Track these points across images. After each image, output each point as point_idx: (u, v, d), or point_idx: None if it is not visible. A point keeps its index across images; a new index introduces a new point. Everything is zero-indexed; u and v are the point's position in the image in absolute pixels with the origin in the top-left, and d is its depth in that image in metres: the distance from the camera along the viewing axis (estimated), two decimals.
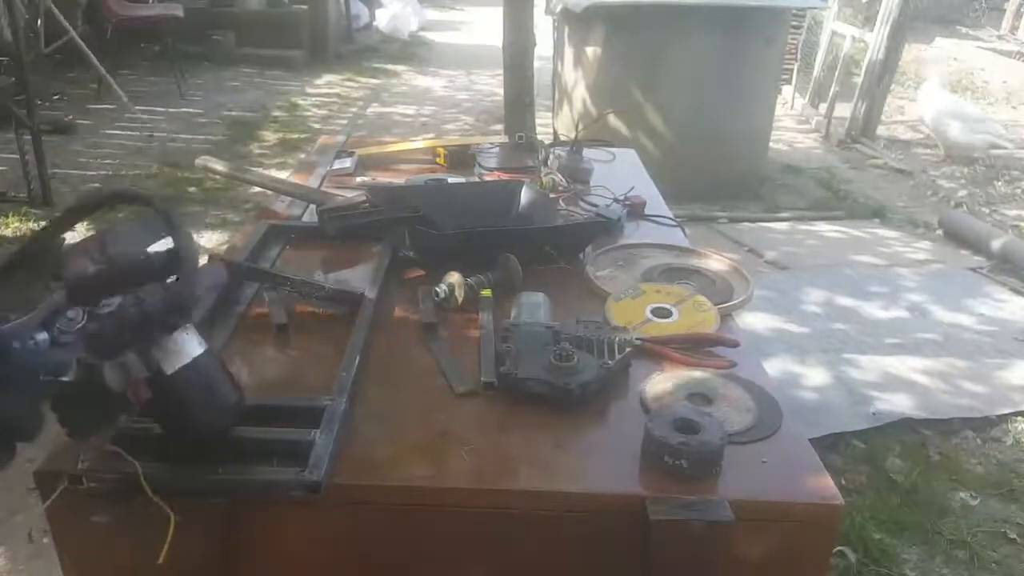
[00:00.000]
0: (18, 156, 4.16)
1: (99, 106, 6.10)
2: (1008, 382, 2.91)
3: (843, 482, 2.36)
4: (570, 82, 5.04)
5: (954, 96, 6.12)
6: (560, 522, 1.02)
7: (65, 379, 0.80)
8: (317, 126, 6.04)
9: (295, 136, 5.76)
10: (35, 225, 3.99)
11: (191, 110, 6.26)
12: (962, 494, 2.38)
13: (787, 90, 7.00)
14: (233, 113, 6.26)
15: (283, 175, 2.51)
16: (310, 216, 1.86)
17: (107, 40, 6.31)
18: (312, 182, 2.06)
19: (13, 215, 4.04)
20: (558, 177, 2.07)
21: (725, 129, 4.69)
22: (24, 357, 0.78)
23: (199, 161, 2.07)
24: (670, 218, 1.98)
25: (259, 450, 1.01)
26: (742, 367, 1.30)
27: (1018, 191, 5.28)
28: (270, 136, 5.76)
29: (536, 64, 4.44)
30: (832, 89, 6.37)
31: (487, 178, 2.20)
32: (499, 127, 5.51)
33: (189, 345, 0.92)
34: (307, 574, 1.08)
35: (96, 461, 0.97)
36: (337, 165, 2.22)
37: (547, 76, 5.99)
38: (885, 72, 5.98)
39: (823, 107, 6.56)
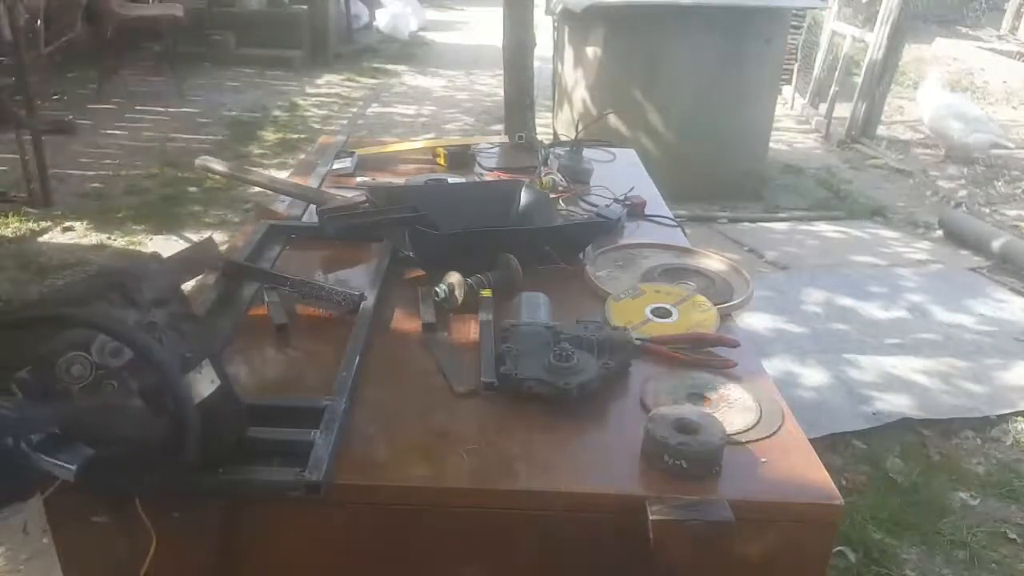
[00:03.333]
0: (18, 156, 4.16)
1: (99, 106, 6.10)
2: (1008, 382, 2.91)
3: (843, 482, 2.36)
4: (570, 82, 5.04)
5: (954, 95, 6.11)
6: (560, 522, 1.02)
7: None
8: (317, 126, 6.04)
9: (295, 136, 5.75)
10: (35, 225, 4.00)
11: (191, 110, 6.26)
12: (962, 494, 2.38)
13: (787, 90, 7.00)
14: (233, 113, 6.26)
15: (283, 175, 2.51)
16: (310, 216, 1.86)
17: (107, 40, 6.31)
18: (312, 182, 2.06)
19: (13, 215, 4.04)
20: (558, 177, 2.07)
21: (725, 129, 4.69)
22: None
23: (199, 161, 2.07)
24: (670, 218, 1.98)
25: (259, 450, 1.01)
26: (742, 367, 1.30)
27: (1018, 191, 5.28)
28: (270, 136, 5.76)
29: (536, 64, 4.44)
30: (832, 89, 6.36)
31: (487, 178, 2.20)
32: (499, 127, 5.52)
33: (200, 386, 0.91)
34: (307, 574, 1.08)
35: None
36: (337, 165, 2.22)
37: (547, 76, 5.99)
38: (885, 72, 5.98)
39: (823, 107, 6.55)
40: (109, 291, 0.89)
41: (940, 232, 4.45)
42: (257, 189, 2.56)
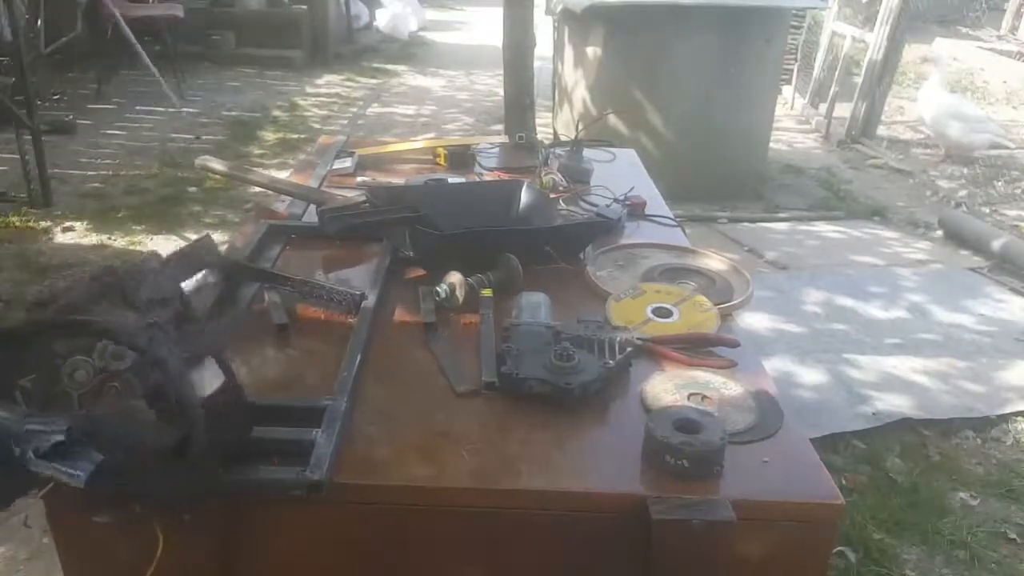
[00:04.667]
0: (18, 156, 4.16)
1: (99, 106, 6.10)
2: (1008, 382, 2.91)
3: (843, 482, 2.36)
4: (570, 82, 5.04)
5: (954, 96, 6.12)
6: (561, 522, 1.02)
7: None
8: (317, 126, 6.04)
9: (295, 136, 5.75)
10: (35, 225, 3.99)
11: (191, 110, 6.26)
12: (962, 494, 2.38)
13: (787, 90, 6.99)
14: (233, 113, 6.25)
15: (283, 175, 2.51)
16: (310, 216, 1.86)
17: (107, 40, 6.30)
18: (312, 182, 2.06)
19: (13, 215, 4.04)
20: (558, 177, 2.08)
21: (725, 129, 4.69)
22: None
23: (199, 161, 2.07)
24: (670, 218, 1.98)
25: (260, 450, 1.02)
26: (742, 367, 1.30)
27: (1018, 191, 5.28)
28: (270, 136, 5.76)
29: (536, 64, 4.43)
30: (832, 89, 6.36)
31: (487, 178, 2.20)
32: (499, 127, 5.51)
33: (203, 384, 0.91)
34: (307, 574, 1.08)
35: None
36: (337, 165, 2.22)
37: (547, 76, 5.99)
38: (885, 72, 5.98)
39: (823, 107, 6.55)
40: (108, 293, 0.89)
41: (940, 232, 4.45)
42: (257, 189, 2.56)
